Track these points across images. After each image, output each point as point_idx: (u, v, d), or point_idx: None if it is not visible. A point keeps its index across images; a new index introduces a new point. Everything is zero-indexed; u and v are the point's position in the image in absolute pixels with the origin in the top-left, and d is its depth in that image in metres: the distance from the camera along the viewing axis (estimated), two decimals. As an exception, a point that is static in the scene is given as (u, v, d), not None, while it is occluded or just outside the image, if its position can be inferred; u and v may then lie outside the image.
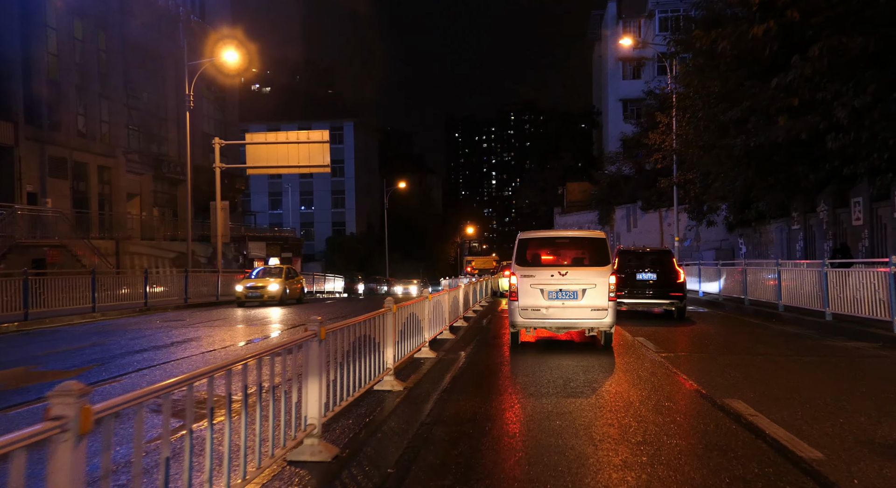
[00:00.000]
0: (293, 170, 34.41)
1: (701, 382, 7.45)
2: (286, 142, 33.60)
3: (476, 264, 41.17)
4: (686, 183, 27.41)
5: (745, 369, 8.37)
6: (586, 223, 43.57)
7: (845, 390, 7.07)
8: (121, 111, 34.86)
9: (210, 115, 45.35)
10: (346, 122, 73.72)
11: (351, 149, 73.43)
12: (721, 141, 19.13)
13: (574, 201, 48.26)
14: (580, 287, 9.73)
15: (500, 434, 5.42)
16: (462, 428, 5.51)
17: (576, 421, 5.67)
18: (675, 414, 5.95)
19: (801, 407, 6.16)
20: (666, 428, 5.44)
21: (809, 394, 6.74)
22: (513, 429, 5.60)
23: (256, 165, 33.87)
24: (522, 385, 7.49)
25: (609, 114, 54.86)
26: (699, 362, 9.14)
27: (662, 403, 6.39)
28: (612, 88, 55.01)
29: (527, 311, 9.91)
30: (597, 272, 9.79)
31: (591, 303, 9.73)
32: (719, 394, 6.69)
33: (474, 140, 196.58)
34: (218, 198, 33.49)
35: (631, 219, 39.20)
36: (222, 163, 33.96)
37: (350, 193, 73.80)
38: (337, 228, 73.27)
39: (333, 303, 29.25)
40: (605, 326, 9.93)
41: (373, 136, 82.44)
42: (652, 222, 37.63)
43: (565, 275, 9.79)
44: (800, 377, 7.92)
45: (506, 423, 5.81)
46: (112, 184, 34.27)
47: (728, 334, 12.82)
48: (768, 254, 25.86)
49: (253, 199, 73.56)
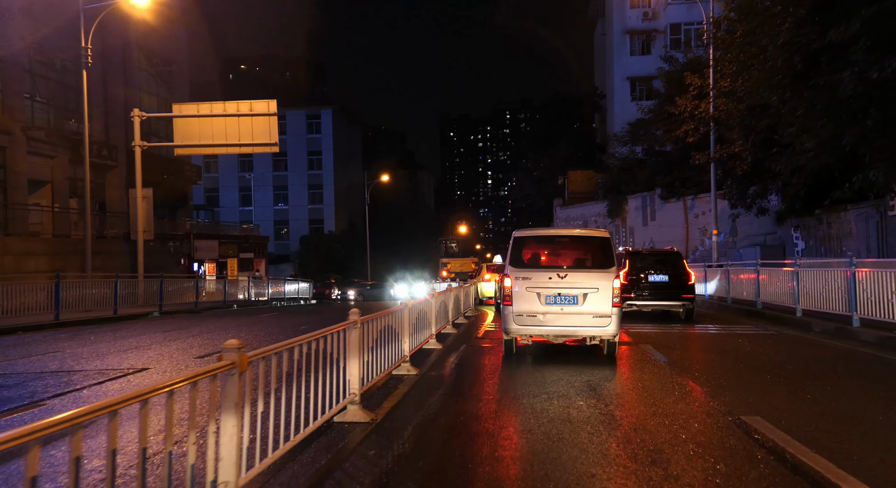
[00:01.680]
0: (232, 149, 27.86)
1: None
2: (223, 114, 27.14)
3: (453, 267, 38.27)
4: (730, 158, 20.93)
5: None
6: (592, 217, 37.07)
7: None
8: (18, 76, 28.21)
9: (151, 91, 38.71)
10: (325, 109, 67.02)
11: (329, 140, 66.77)
12: (812, 79, 12.62)
13: (577, 192, 41.81)
14: (581, 291, 9.12)
15: None
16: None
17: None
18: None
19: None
20: None
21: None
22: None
23: (186, 143, 27.43)
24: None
25: (615, 95, 48.44)
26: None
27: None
28: (618, 66, 48.60)
29: (522, 317, 9.29)
30: (600, 274, 9.18)
31: (593, 309, 9.07)
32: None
33: (469, 139, 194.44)
34: (138, 185, 27.04)
35: (647, 211, 32.67)
36: (144, 142, 27.45)
37: (329, 188, 67.13)
38: (315, 226, 66.65)
39: (248, 317, 22.64)
40: (608, 335, 9.20)
41: (356, 127, 75.76)
42: (674, 213, 31.13)
43: (565, 277, 9.18)
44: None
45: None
46: (7, 168, 27.63)
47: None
48: (841, 250, 19.41)
49: (222, 195, 66.99)
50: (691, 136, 23.57)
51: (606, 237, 9.77)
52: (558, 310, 9.11)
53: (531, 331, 9.33)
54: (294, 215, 67.13)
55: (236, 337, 10.81)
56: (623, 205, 34.33)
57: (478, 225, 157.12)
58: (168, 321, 19.21)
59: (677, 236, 30.81)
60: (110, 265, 28.66)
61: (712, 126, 22.33)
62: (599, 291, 9.03)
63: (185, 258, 36.76)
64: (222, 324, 17.28)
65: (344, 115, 70.91)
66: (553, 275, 9.19)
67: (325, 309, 27.55)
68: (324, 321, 16.40)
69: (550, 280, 9.16)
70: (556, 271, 9.26)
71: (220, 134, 27.00)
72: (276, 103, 27.22)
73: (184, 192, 41.26)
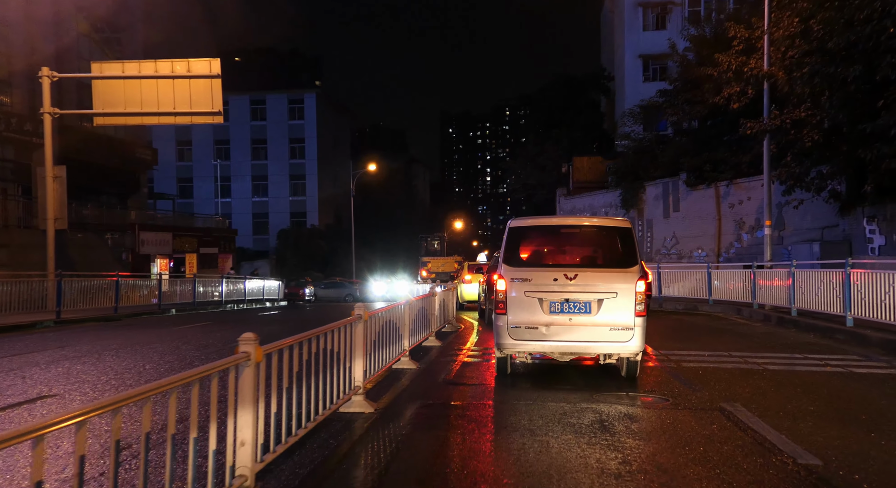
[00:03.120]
0: (166, 119, 22.78)
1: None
2: (155, 76, 22.12)
3: (433, 267, 35.26)
4: (795, 125, 15.89)
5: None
6: (602, 208, 32.03)
7: None
8: None
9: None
10: (308, 93, 61.86)
11: (313, 126, 61.64)
12: None
13: (583, 181, 36.79)
14: (595, 296, 7.37)
15: None
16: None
17: None
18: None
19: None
20: None
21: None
22: None
23: (108, 111, 22.44)
24: None
25: (626, 75, 43.53)
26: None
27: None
28: (629, 43, 43.64)
29: (519, 330, 7.54)
30: (619, 275, 7.42)
31: (611, 320, 7.33)
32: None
33: (469, 136, 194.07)
34: (48, 162, 22.15)
35: (670, 200, 27.56)
36: (55, 109, 22.44)
37: (312, 179, 62.04)
38: (297, 220, 61.66)
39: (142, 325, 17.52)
40: (629, 352, 7.41)
41: (344, 115, 70.65)
42: (702, 203, 26.07)
43: (574, 278, 7.41)
44: None
45: None
46: None
47: None
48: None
49: (196, 186, 61.95)
50: (736, 102, 18.52)
51: (627, 227, 7.87)
52: (566, 320, 7.45)
53: (531, 346, 7.61)
54: (274, 207, 62.08)
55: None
56: (640, 193, 29.26)
57: (476, 222, 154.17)
58: (23, 339, 14.22)
59: (706, 230, 25.75)
60: (22, 260, 23.68)
61: (765, 89, 17.31)
62: (619, 297, 7.36)
63: (128, 253, 31.72)
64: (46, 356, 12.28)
65: (329, 101, 65.86)
66: (559, 276, 7.49)
67: (274, 318, 22.63)
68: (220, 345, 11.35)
69: (556, 282, 7.48)
70: (564, 271, 7.53)
71: (151, 100, 22.00)
72: (219, 63, 22.16)
73: (135, 178, 36.24)
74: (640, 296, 7.39)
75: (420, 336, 10.76)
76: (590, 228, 8.19)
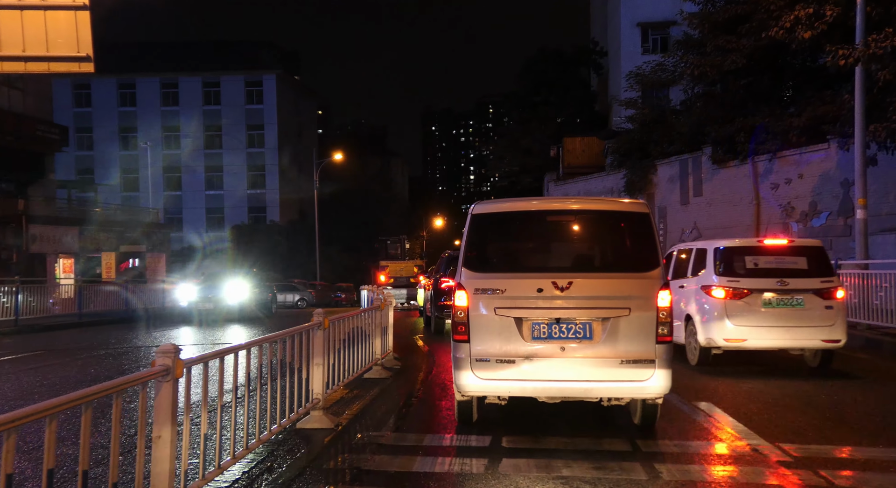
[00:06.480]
0: (10, 66, 16.62)
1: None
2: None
3: (392, 271, 32.66)
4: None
5: None
6: (602, 193, 26.28)
7: None
8: None
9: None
10: (267, 74, 55.68)
11: (273, 112, 55.54)
12: None
13: (576, 165, 31.23)
14: (598, 314, 5.12)
15: None
16: None
17: None
18: None
19: None
20: None
21: None
22: None
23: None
24: None
25: (621, 46, 38.01)
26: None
27: None
28: (625, 8, 38.07)
29: (488, 364, 5.19)
30: (633, 283, 5.20)
31: (622, 350, 5.06)
32: None
33: (451, 134, 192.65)
34: None
35: (690, 182, 21.81)
36: None
37: (272, 170, 55.98)
38: (256, 215, 55.69)
39: None
40: (649, 394, 5.12)
41: (309, 98, 64.59)
42: (734, 184, 20.32)
43: (567, 289, 5.16)
44: None
45: None
46: None
47: None
48: None
49: (143, 177, 55.58)
50: (807, 30, 12.85)
51: (644, 212, 5.45)
52: (556, 349, 5.09)
53: (505, 388, 5.23)
54: (230, 202, 55.96)
55: None
56: (649, 174, 23.58)
57: (459, 221, 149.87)
58: None
59: (740, 219, 20.02)
60: None
61: (858, 6, 11.66)
62: (633, 314, 5.02)
63: (16, 252, 25.60)
64: None
65: (293, 84, 59.79)
66: (546, 286, 5.11)
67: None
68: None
69: (542, 294, 5.13)
70: (553, 277, 5.16)
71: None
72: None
73: (39, 161, 30.12)
74: (664, 312, 5.12)
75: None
76: (589, 214, 5.78)
